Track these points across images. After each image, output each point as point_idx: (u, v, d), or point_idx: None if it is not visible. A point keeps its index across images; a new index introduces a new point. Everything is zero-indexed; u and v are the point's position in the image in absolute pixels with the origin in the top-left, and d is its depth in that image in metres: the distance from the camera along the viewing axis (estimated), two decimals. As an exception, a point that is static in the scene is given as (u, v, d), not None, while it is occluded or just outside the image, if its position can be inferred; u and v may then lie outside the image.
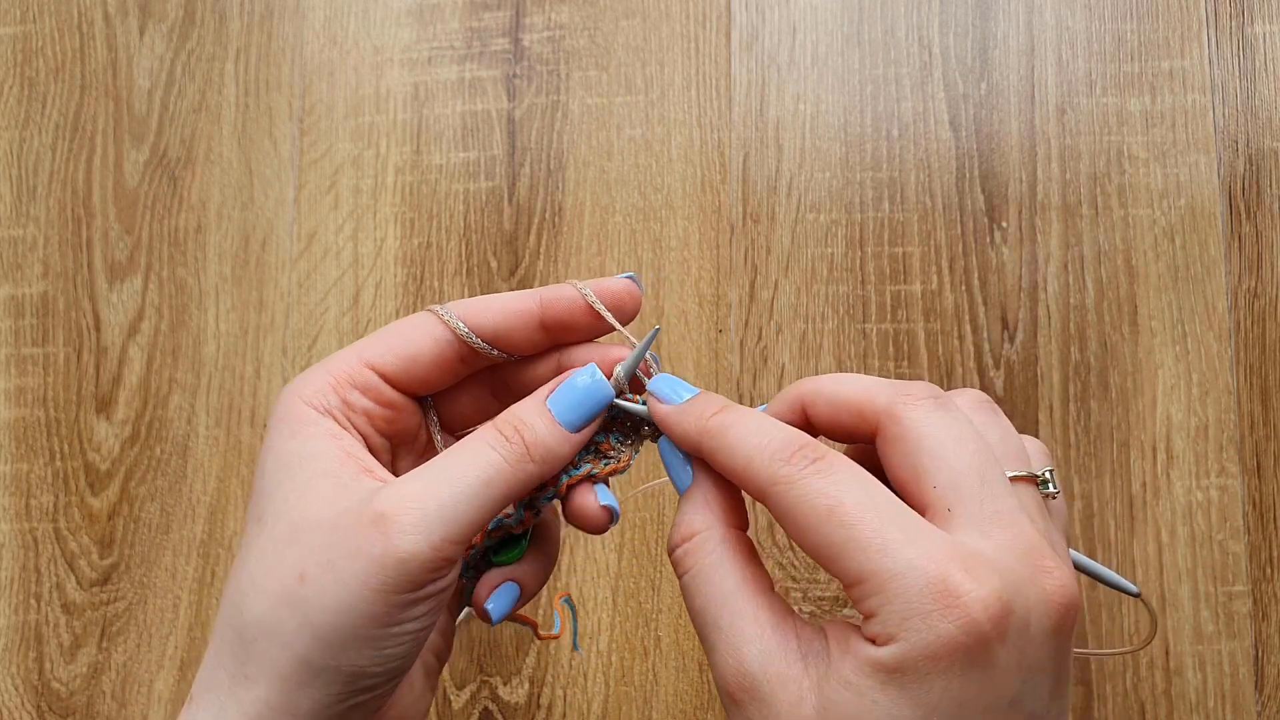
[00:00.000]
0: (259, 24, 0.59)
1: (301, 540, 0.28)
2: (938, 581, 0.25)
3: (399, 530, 0.27)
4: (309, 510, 0.28)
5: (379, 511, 0.27)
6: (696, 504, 0.30)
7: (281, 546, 0.28)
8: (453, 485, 0.28)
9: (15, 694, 0.54)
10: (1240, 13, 0.52)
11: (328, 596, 0.27)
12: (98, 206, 0.58)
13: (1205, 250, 0.51)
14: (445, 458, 0.29)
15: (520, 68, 0.57)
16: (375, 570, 0.27)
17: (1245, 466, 0.50)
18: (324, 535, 0.28)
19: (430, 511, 0.27)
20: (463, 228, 0.56)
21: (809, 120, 0.54)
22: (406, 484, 0.28)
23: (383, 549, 0.27)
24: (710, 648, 0.28)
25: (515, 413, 0.30)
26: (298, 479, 0.29)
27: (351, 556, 0.27)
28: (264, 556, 0.28)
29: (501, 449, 0.29)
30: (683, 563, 0.29)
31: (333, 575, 0.27)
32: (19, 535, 0.56)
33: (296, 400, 0.30)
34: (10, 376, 0.57)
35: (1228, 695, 0.48)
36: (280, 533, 0.28)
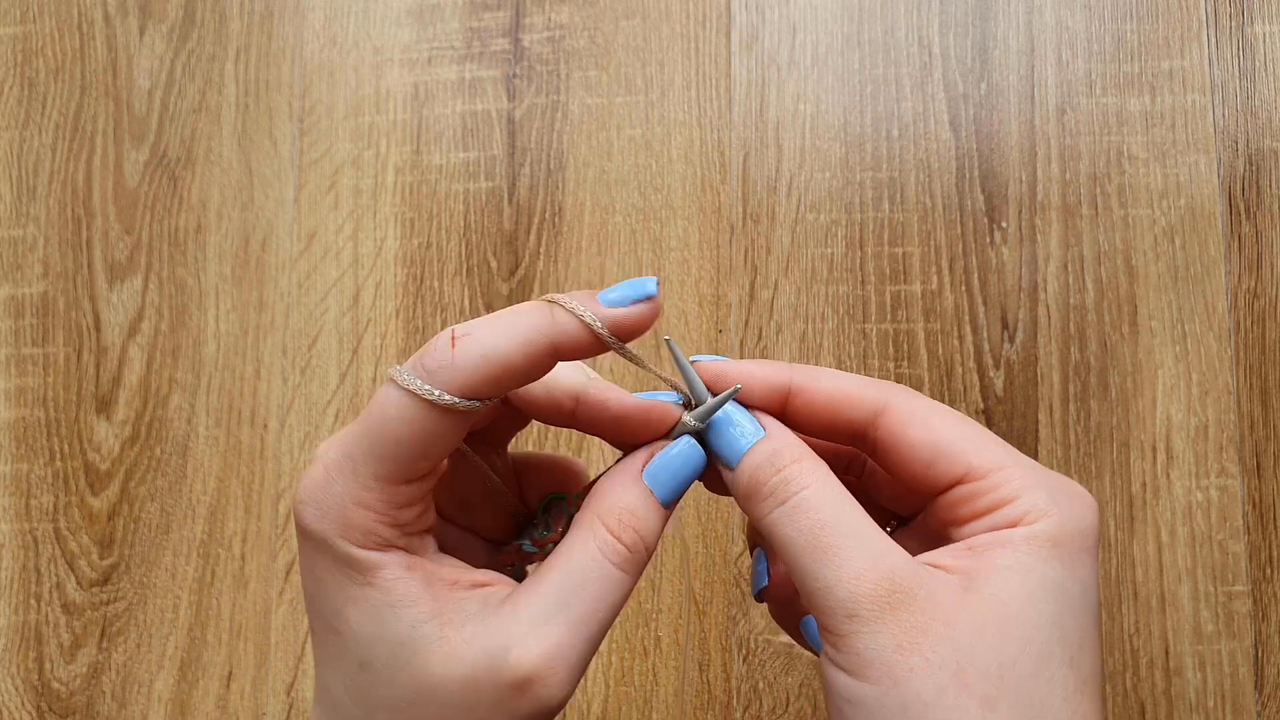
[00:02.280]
0: (259, 24, 0.59)
1: (440, 702, 0.26)
2: (1066, 481, 0.27)
3: (548, 691, 0.26)
4: (435, 670, 0.26)
5: (525, 677, 0.26)
6: (786, 438, 0.28)
7: (418, 706, 0.26)
8: (589, 626, 0.26)
9: (15, 694, 0.54)
10: (1240, 13, 0.52)
11: None
12: (98, 206, 0.58)
13: (1205, 250, 0.51)
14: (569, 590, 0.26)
15: (520, 68, 0.57)
16: None
17: (1245, 466, 0.50)
18: (463, 698, 0.26)
19: (574, 662, 0.26)
20: (463, 228, 0.56)
21: (809, 120, 0.54)
22: (543, 638, 0.26)
23: (532, 708, 0.26)
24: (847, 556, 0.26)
25: (623, 505, 0.27)
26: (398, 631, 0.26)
27: (496, 714, 0.26)
28: (402, 713, 0.26)
29: (625, 563, 0.27)
30: (793, 484, 0.27)
31: None
32: (19, 535, 0.56)
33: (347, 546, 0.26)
34: (10, 376, 0.57)
35: (1228, 695, 0.48)
36: (408, 691, 0.26)
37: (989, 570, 0.26)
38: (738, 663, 0.51)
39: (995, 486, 0.27)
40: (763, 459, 0.28)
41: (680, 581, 0.52)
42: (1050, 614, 0.25)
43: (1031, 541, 0.26)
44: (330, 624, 0.27)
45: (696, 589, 0.51)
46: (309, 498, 0.27)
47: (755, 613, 0.51)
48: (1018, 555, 0.26)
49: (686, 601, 0.51)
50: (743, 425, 0.29)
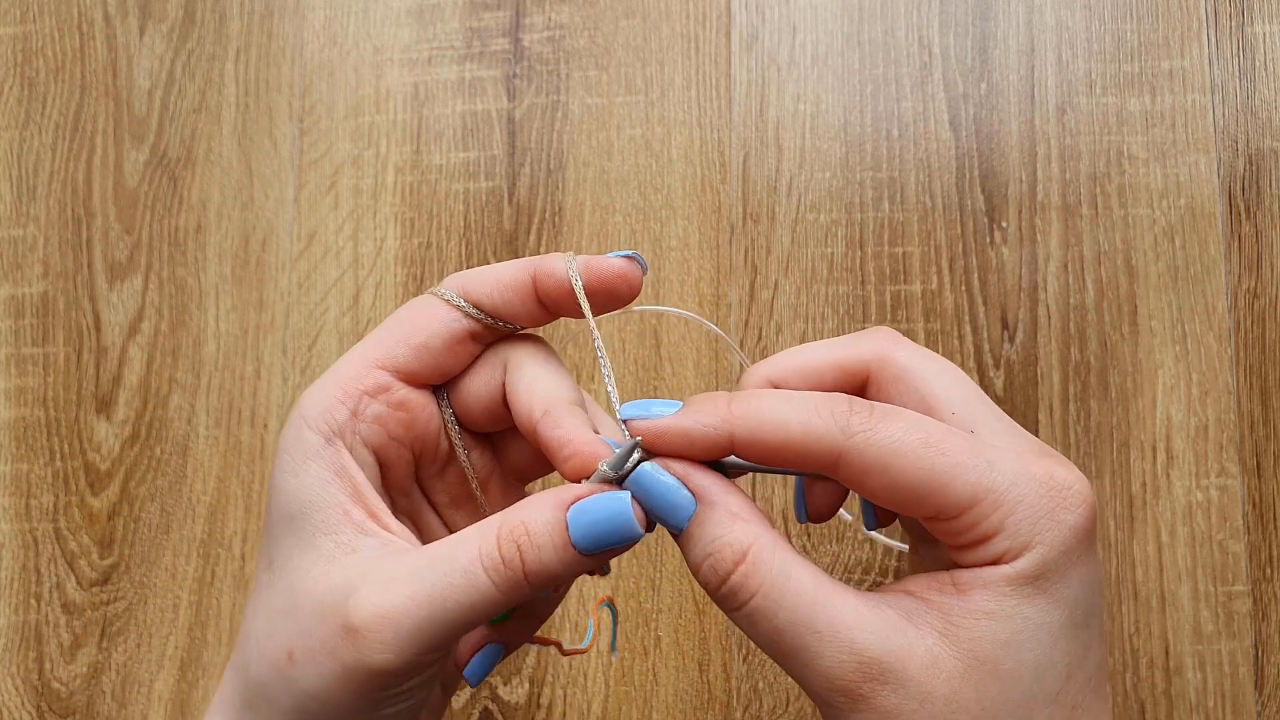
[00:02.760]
0: (259, 24, 0.59)
1: (293, 616, 0.27)
2: (1046, 479, 0.25)
3: (369, 647, 0.25)
4: (305, 579, 0.27)
5: (352, 624, 0.26)
6: (726, 520, 0.26)
7: (279, 614, 0.27)
8: (432, 607, 0.25)
9: (15, 694, 0.54)
10: (1240, 13, 0.52)
11: (310, 683, 0.26)
12: (98, 206, 0.58)
13: (1205, 250, 0.51)
14: (432, 565, 0.26)
15: (520, 68, 0.57)
16: (349, 675, 0.26)
17: (1245, 466, 0.50)
18: (308, 621, 0.27)
19: (403, 633, 0.25)
20: (463, 228, 0.56)
21: (809, 120, 0.54)
22: (384, 592, 0.26)
23: (354, 659, 0.26)
24: (811, 656, 0.25)
25: (523, 521, 0.26)
26: (300, 533, 0.28)
27: (327, 655, 0.26)
28: (267, 619, 0.28)
29: (495, 573, 0.26)
30: (746, 587, 0.26)
31: (313, 666, 0.26)
32: (19, 535, 0.56)
33: (302, 425, 0.29)
34: (10, 376, 0.57)
35: (1228, 695, 0.48)
36: (279, 597, 0.28)
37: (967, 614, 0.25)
38: (738, 663, 0.51)
39: (971, 525, 0.25)
40: (702, 557, 0.26)
41: (680, 581, 0.52)
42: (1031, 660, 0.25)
43: (1013, 582, 0.25)
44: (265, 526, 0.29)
45: (696, 589, 0.51)
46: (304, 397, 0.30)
47: (755, 613, 0.51)
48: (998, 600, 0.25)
49: (686, 601, 0.51)
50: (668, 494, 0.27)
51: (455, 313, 0.29)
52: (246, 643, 0.28)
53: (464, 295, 0.30)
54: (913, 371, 0.28)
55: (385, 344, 0.30)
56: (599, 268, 0.29)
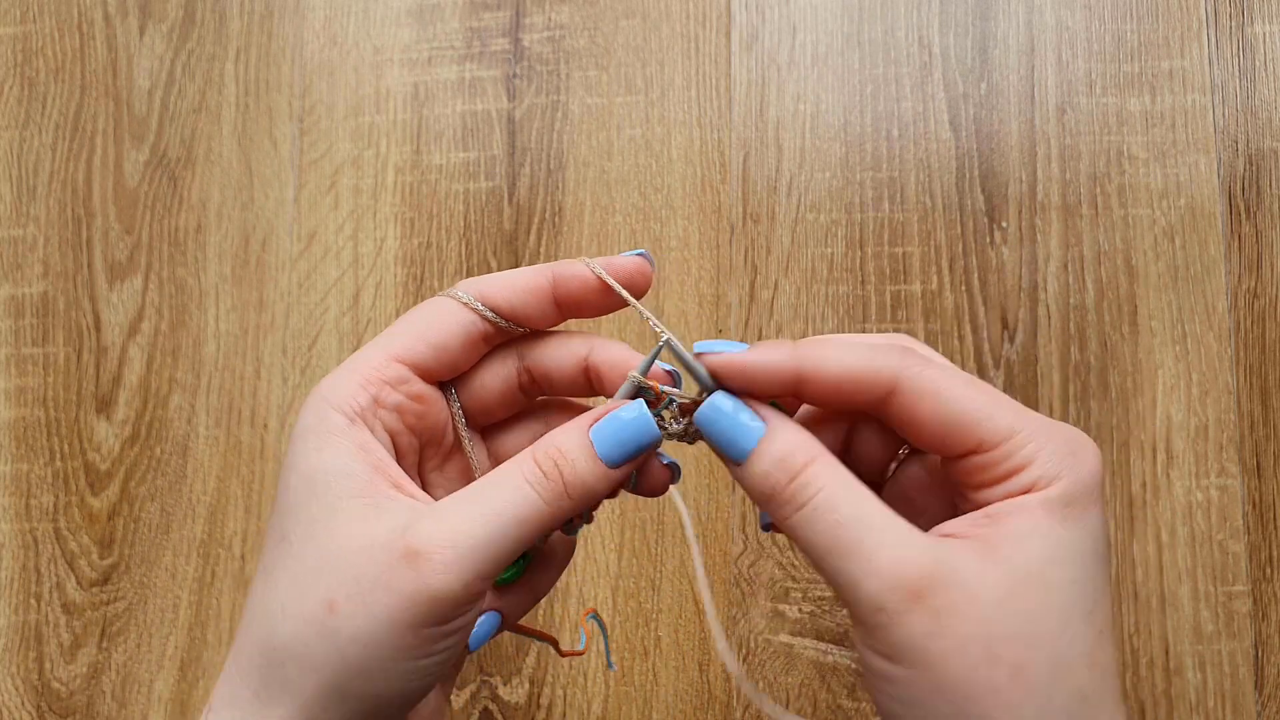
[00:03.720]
0: (259, 24, 0.59)
1: (331, 568, 0.28)
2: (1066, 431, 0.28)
3: (431, 569, 0.27)
4: (338, 536, 0.28)
5: (413, 548, 0.27)
6: (794, 435, 0.28)
7: (311, 572, 0.28)
8: (487, 524, 0.27)
9: (15, 694, 0.54)
10: (1240, 13, 0.52)
11: (358, 627, 0.27)
12: (98, 206, 0.58)
13: (1205, 250, 0.51)
14: (481, 490, 0.28)
15: (520, 68, 0.57)
16: (407, 606, 0.27)
17: (1245, 466, 0.50)
18: (355, 566, 0.27)
19: (464, 551, 0.27)
20: (463, 228, 0.56)
21: (809, 120, 0.54)
22: (441, 519, 0.28)
23: (415, 586, 0.27)
24: (870, 551, 0.26)
25: (556, 444, 0.29)
26: (326, 499, 0.29)
27: (383, 590, 0.27)
28: (294, 581, 0.28)
29: (539, 486, 0.28)
30: (808, 488, 0.27)
31: (363, 607, 0.27)
32: (19, 535, 0.56)
33: (325, 407, 0.30)
34: (10, 376, 0.57)
35: (1228, 695, 0.48)
36: (309, 557, 0.28)
37: (1007, 537, 0.27)
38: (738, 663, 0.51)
39: (1007, 456, 0.27)
40: (773, 464, 0.28)
41: (680, 581, 0.52)
42: (1067, 575, 0.27)
43: (1046, 506, 0.27)
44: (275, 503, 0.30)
45: (697, 589, 0.51)
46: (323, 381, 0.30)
47: (755, 613, 0.51)
48: (1034, 521, 0.27)
49: (686, 601, 0.51)
50: (741, 421, 0.29)
51: (471, 315, 0.31)
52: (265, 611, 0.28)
53: (481, 299, 0.31)
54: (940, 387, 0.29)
55: (404, 340, 0.31)
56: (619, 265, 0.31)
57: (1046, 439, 0.27)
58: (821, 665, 0.50)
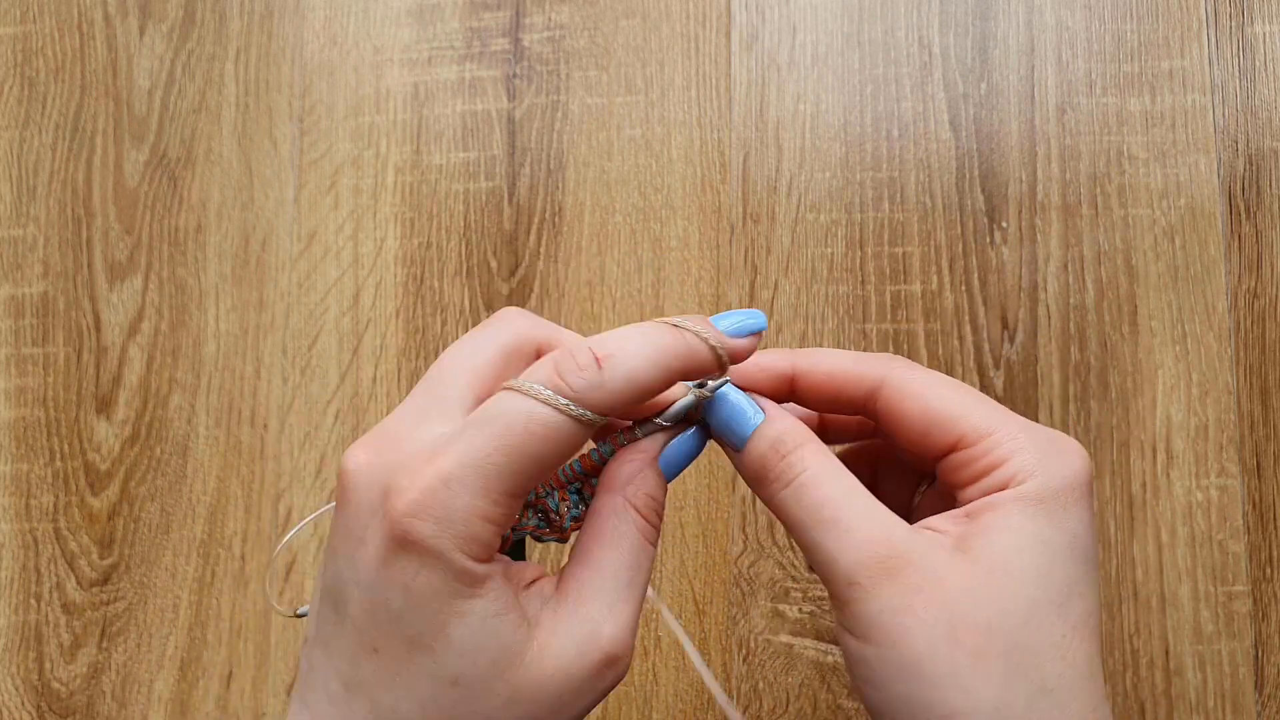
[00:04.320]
0: (259, 24, 0.59)
1: (534, 700, 0.28)
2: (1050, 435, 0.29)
3: (627, 661, 0.29)
4: (530, 672, 0.28)
5: (613, 654, 0.28)
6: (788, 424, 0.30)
7: (510, 711, 0.27)
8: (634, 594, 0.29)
9: (15, 694, 0.54)
10: (1240, 13, 0.52)
11: None
12: (98, 206, 0.58)
13: (1205, 250, 0.51)
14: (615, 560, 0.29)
15: (520, 68, 0.57)
16: (605, 696, 0.29)
17: (1245, 466, 0.50)
18: (560, 691, 0.28)
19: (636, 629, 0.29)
20: (463, 228, 0.56)
21: (809, 120, 0.54)
22: (619, 612, 0.29)
23: (614, 682, 0.29)
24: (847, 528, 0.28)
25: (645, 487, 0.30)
26: (499, 641, 0.27)
27: (590, 697, 0.28)
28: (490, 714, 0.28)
29: (650, 536, 0.30)
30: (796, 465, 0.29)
31: (568, 715, 0.28)
32: (19, 535, 0.56)
33: (461, 558, 0.26)
34: (10, 376, 0.57)
35: (1228, 695, 0.48)
36: (503, 698, 0.27)
37: (979, 531, 0.28)
38: (738, 663, 0.51)
39: (986, 452, 0.29)
40: (767, 445, 0.30)
41: (680, 581, 0.52)
42: (1036, 567, 0.27)
43: (1019, 501, 0.28)
44: (420, 643, 0.27)
45: (696, 589, 0.51)
46: (427, 511, 0.26)
47: (755, 613, 0.51)
48: (1005, 515, 0.28)
49: (686, 601, 0.51)
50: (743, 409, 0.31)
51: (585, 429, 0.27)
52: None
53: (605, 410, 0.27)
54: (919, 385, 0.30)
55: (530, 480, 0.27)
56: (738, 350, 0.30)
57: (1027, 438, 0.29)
58: (821, 665, 0.50)
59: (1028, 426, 0.29)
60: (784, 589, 0.51)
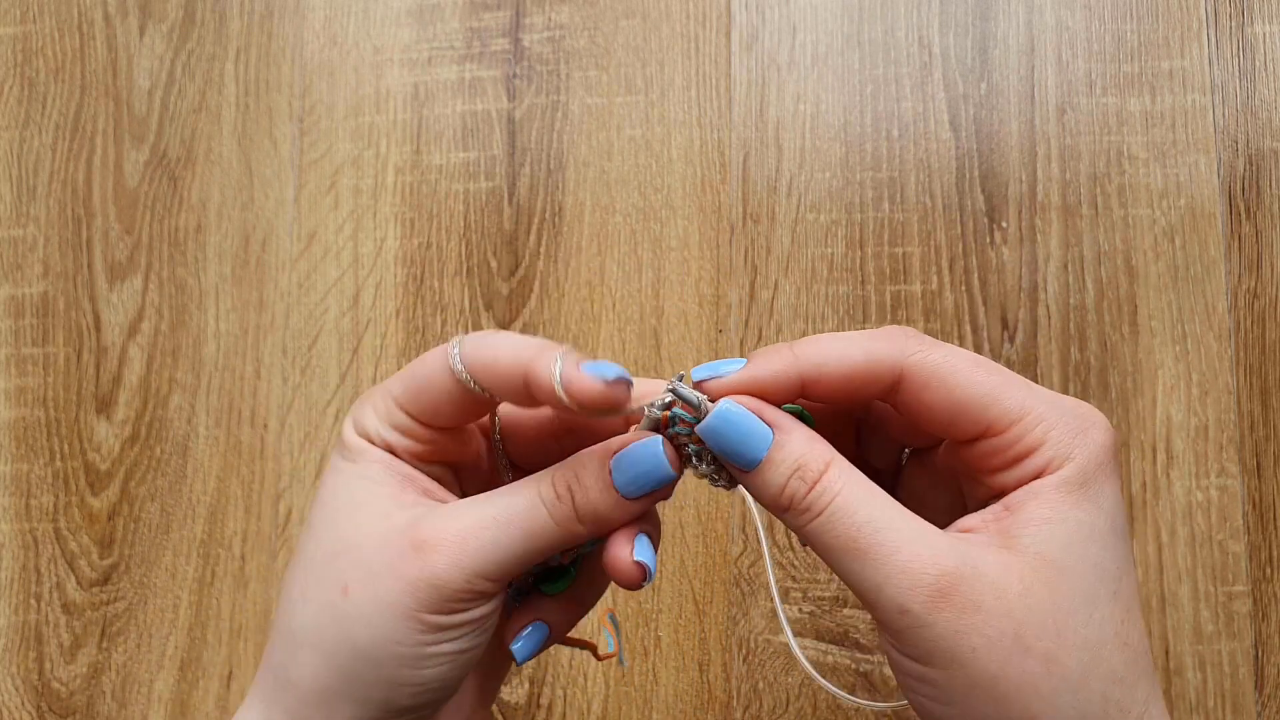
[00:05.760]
0: (259, 24, 0.59)
1: (348, 554, 0.29)
2: (1075, 406, 0.28)
3: (436, 559, 0.28)
4: (360, 527, 0.29)
5: (420, 538, 0.28)
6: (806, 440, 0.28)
7: (329, 559, 0.29)
8: (495, 531, 0.28)
9: (15, 694, 0.54)
10: (1240, 13, 0.52)
11: (367, 611, 0.28)
12: (98, 206, 0.58)
13: (1205, 250, 0.51)
14: (496, 496, 0.29)
15: (520, 68, 0.57)
16: (410, 591, 0.28)
17: (1245, 466, 0.50)
18: (369, 551, 0.28)
19: (469, 549, 0.28)
20: (463, 228, 0.56)
21: (809, 120, 0.54)
22: (452, 518, 0.28)
23: (418, 573, 0.28)
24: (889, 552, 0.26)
25: (574, 469, 0.29)
26: (354, 498, 0.30)
27: (391, 576, 0.28)
28: (312, 567, 0.29)
29: (551, 506, 0.29)
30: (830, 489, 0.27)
31: (372, 591, 0.28)
32: (19, 535, 0.56)
33: (351, 432, 0.31)
34: (10, 376, 0.57)
35: (1228, 695, 0.48)
36: (329, 545, 0.29)
37: (1025, 525, 0.27)
38: (738, 663, 0.51)
39: (1018, 438, 0.28)
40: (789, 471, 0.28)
41: (680, 581, 0.52)
42: (1090, 557, 0.27)
43: (1061, 489, 0.27)
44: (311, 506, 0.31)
45: (696, 589, 0.51)
46: (354, 405, 0.31)
47: (755, 613, 0.51)
48: (1051, 506, 0.27)
49: (686, 601, 0.51)
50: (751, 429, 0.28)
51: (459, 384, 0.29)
52: (289, 598, 0.30)
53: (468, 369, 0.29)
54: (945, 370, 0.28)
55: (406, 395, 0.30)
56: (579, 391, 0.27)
57: (1057, 418, 0.27)
58: (821, 665, 0.50)
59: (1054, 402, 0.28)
60: (784, 589, 0.51)
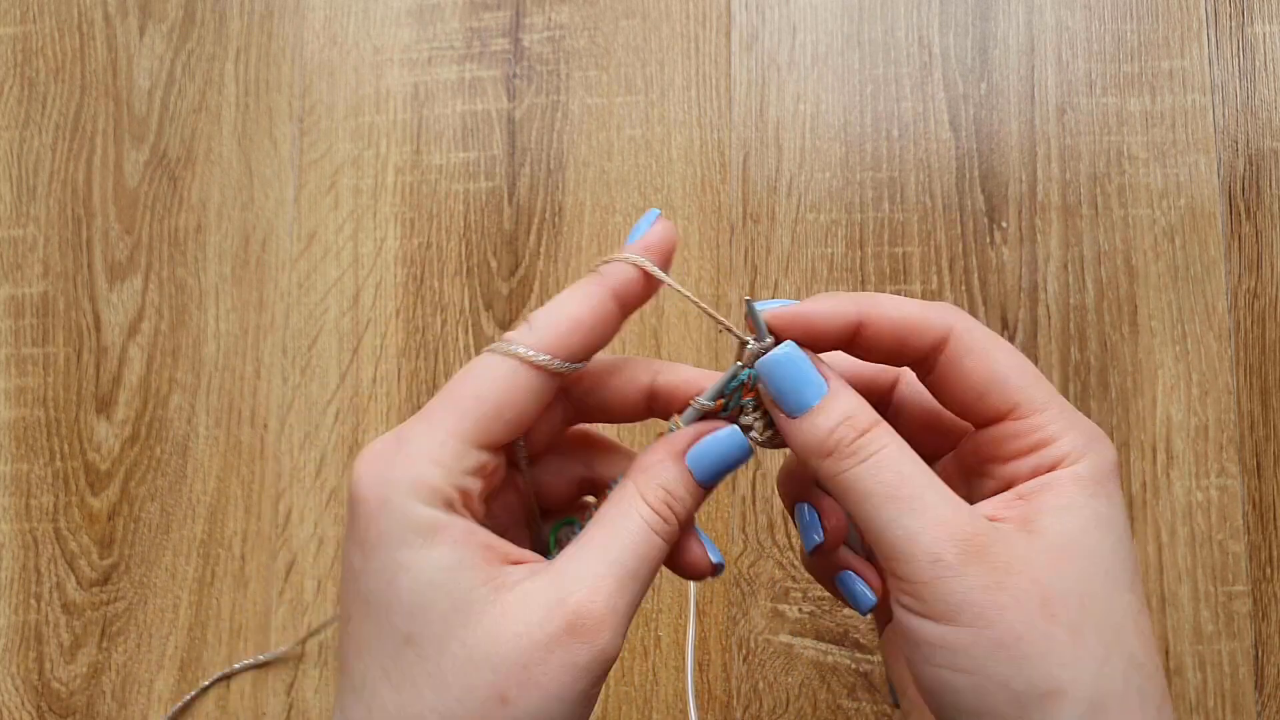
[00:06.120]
0: (259, 24, 0.59)
1: (493, 662, 0.26)
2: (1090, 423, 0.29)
3: (601, 635, 0.27)
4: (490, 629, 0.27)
5: (576, 622, 0.27)
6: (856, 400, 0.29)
7: (470, 671, 0.26)
8: (633, 580, 0.28)
9: (15, 694, 0.54)
10: (1240, 13, 0.52)
11: (535, 710, 0.26)
12: (98, 206, 0.58)
13: (1205, 250, 0.51)
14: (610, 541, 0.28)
15: (520, 68, 0.57)
16: (583, 675, 0.27)
17: (1245, 466, 0.50)
18: (519, 653, 0.26)
19: (621, 610, 0.27)
20: (463, 228, 0.56)
21: (809, 120, 0.54)
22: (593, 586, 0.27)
23: (589, 656, 0.27)
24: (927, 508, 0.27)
25: (662, 483, 0.29)
26: (454, 595, 0.27)
27: (557, 668, 0.26)
28: (447, 686, 0.27)
29: (660, 529, 0.29)
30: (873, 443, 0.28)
31: (539, 690, 0.26)
32: (19, 535, 0.56)
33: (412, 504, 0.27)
34: (10, 376, 0.57)
35: (1228, 695, 0.48)
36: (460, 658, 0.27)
37: (1043, 512, 0.27)
38: (738, 663, 0.51)
39: (1038, 427, 0.28)
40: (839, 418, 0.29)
41: (680, 581, 0.52)
42: (1108, 544, 0.27)
43: (1077, 482, 0.28)
44: (374, 600, 0.27)
45: (697, 589, 0.51)
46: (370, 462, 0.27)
47: (755, 613, 0.51)
48: (1068, 495, 0.28)
49: (686, 602, 0.51)
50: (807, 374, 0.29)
51: (544, 374, 0.29)
52: None
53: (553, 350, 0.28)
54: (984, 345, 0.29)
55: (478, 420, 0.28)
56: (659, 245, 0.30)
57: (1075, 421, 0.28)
58: (821, 665, 0.50)
59: (1074, 412, 0.29)
60: (784, 589, 0.51)
